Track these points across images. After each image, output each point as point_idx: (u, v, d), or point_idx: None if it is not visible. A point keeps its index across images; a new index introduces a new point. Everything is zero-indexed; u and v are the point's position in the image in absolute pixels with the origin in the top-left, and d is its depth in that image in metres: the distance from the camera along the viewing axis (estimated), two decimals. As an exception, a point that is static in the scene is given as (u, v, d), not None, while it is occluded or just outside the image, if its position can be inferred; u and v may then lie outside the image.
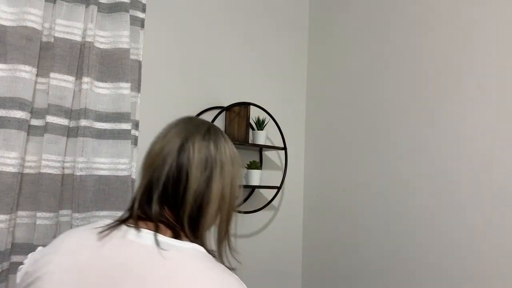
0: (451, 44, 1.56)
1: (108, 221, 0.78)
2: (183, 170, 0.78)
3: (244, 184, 1.83)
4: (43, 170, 1.27)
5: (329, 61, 2.03)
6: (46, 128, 1.28)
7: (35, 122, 1.30)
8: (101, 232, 0.73)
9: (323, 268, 1.94)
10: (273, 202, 1.92)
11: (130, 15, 1.45)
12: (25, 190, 1.27)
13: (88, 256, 0.69)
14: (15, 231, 1.25)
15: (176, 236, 0.75)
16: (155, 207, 0.76)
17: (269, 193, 1.93)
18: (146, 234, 0.71)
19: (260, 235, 1.92)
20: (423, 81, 1.63)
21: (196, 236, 0.79)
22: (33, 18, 1.25)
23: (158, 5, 1.64)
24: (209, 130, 0.84)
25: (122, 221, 0.75)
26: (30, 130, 1.29)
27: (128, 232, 0.72)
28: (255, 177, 1.76)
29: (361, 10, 1.90)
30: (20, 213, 1.26)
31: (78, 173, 1.31)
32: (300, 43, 2.13)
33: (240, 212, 1.79)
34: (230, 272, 0.73)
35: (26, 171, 1.27)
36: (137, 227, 0.73)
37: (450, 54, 1.56)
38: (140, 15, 1.50)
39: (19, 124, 1.21)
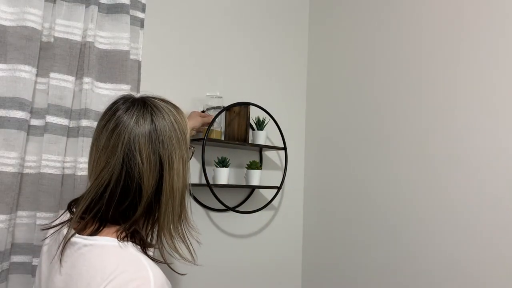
0: (456, 45, 1.56)
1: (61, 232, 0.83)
2: (133, 185, 0.77)
3: (244, 184, 1.83)
4: (43, 170, 1.27)
5: (329, 61, 2.03)
6: (46, 128, 1.28)
7: (35, 122, 1.29)
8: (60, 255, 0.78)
9: (323, 268, 1.94)
10: (273, 202, 1.92)
11: (130, 15, 1.45)
12: (25, 190, 1.27)
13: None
14: (15, 231, 1.25)
15: (97, 229, 0.78)
16: (98, 221, 0.79)
17: (269, 193, 1.93)
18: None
19: (260, 235, 1.91)
20: (425, 81, 1.63)
21: (150, 237, 0.82)
22: (33, 18, 1.25)
23: (158, 5, 1.64)
24: (153, 127, 0.80)
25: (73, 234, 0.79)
26: (30, 130, 1.28)
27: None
28: (255, 177, 1.75)
29: (362, 10, 1.90)
30: (20, 213, 1.26)
31: (78, 173, 1.31)
32: (300, 43, 2.13)
33: (239, 212, 1.78)
34: (148, 267, 0.71)
35: (26, 171, 1.27)
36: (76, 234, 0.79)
37: (454, 56, 1.56)
38: (140, 15, 1.50)
39: (19, 124, 1.21)
